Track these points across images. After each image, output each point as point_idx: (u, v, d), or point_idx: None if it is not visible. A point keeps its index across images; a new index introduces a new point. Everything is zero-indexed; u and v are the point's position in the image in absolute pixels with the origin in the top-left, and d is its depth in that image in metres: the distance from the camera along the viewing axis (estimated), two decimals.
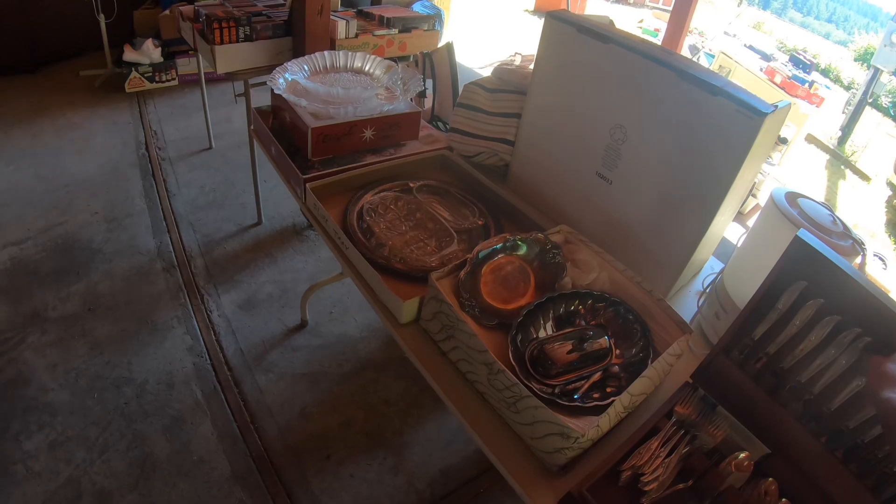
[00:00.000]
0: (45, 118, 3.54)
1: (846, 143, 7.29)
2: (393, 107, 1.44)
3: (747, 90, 1.01)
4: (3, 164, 3.06)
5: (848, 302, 0.77)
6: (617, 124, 1.17)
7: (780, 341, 0.84)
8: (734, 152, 0.97)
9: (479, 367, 0.89)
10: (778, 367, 0.85)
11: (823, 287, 0.80)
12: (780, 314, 0.84)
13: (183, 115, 3.75)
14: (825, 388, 0.80)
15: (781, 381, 0.85)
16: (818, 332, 0.80)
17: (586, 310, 1.02)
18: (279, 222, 2.85)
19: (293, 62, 1.51)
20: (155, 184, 3.04)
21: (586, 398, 0.88)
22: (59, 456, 1.75)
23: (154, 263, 2.51)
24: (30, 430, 1.81)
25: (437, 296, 0.93)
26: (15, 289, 2.31)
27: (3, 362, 2.01)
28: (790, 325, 0.83)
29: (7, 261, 2.43)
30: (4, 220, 2.65)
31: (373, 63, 1.58)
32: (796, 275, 0.82)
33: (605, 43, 1.15)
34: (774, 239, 0.95)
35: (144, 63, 3.98)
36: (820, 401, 0.81)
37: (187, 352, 2.12)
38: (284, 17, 2.38)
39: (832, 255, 0.78)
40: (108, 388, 1.96)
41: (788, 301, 0.83)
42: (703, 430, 0.86)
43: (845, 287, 0.77)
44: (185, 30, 2.71)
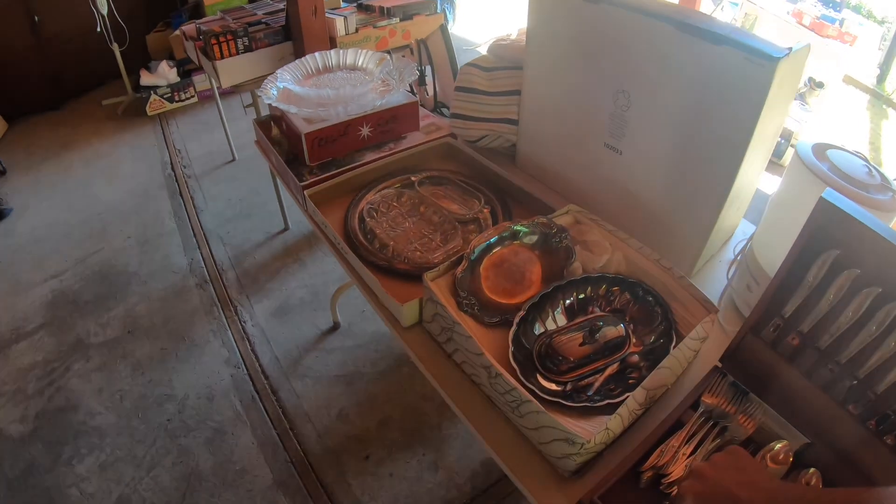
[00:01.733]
0: (74, 151, 3.63)
1: (885, 80, 6.86)
2: (386, 100, 1.38)
3: (756, 35, 0.91)
4: (38, 200, 3.16)
5: (889, 269, 0.67)
6: (619, 89, 1.09)
7: (814, 317, 0.75)
8: (749, 104, 0.87)
9: (480, 371, 0.84)
10: (814, 346, 0.76)
11: (859, 254, 0.70)
12: (812, 287, 0.75)
13: (205, 131, 3.79)
14: (871, 368, 0.71)
15: (819, 361, 0.76)
16: (855, 307, 0.71)
17: (600, 296, 0.95)
18: (306, 226, 2.84)
19: (284, 69, 1.47)
20: (183, 202, 3.08)
21: (603, 393, 0.81)
22: (109, 476, 1.80)
23: (187, 280, 2.54)
24: (81, 453, 1.87)
25: (432, 297, 0.88)
26: (58, 320, 2.38)
27: (52, 391, 2.08)
28: (823, 299, 0.74)
29: (48, 294, 2.51)
30: (43, 255, 2.74)
31: (365, 57, 1.53)
32: (828, 241, 0.72)
33: (595, 3, 1.06)
34: (803, 199, 0.85)
35: (162, 85, 4.04)
36: (865, 382, 0.71)
37: (224, 364, 2.14)
38: (282, 22, 2.35)
39: (865, 217, 0.68)
40: (152, 407, 2.00)
41: (820, 272, 0.73)
42: (734, 420, 0.78)
43: (884, 253, 0.67)
44: (189, 49, 2.72)
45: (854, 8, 13.88)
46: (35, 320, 2.38)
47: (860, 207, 0.69)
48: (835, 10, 6.06)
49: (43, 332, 2.32)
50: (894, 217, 0.85)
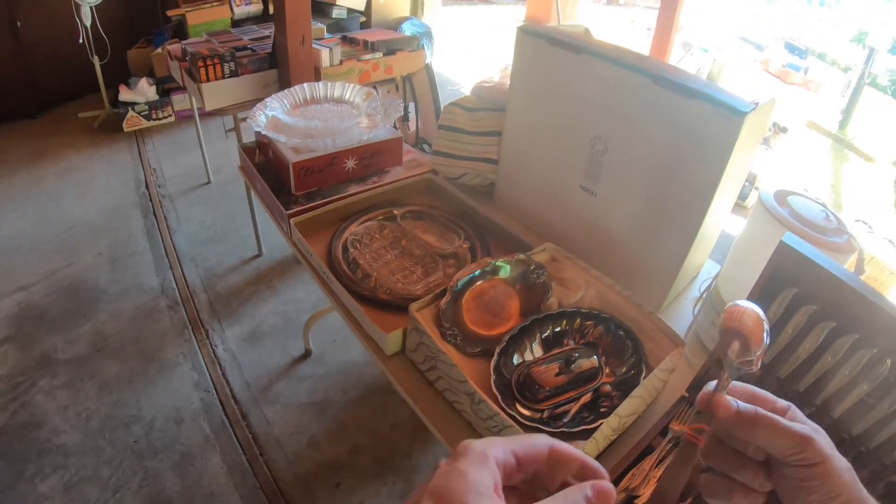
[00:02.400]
0: (48, 162, 3.59)
1: (847, 125, 7.22)
2: (373, 135, 1.44)
3: (726, 90, 1.00)
4: (8, 210, 3.10)
5: (842, 306, 0.74)
6: (596, 135, 1.16)
7: (775, 350, 0.82)
8: (717, 154, 0.95)
9: (462, 397, 0.88)
10: (775, 376, 0.82)
11: (816, 292, 0.77)
12: (773, 323, 0.81)
13: (181, 151, 3.78)
14: (827, 398, 0.77)
15: (780, 391, 0.82)
16: (812, 339, 0.77)
17: (575, 329, 1.00)
18: (279, 252, 2.86)
19: (273, 97, 1.52)
20: (156, 221, 3.06)
21: (578, 420, 0.86)
22: (73, 497, 1.76)
23: (158, 301, 2.52)
24: (44, 472, 1.83)
25: (418, 327, 0.92)
26: (24, 334, 2.33)
27: (16, 406, 2.03)
28: (783, 333, 0.80)
29: (15, 306, 2.46)
30: (11, 266, 2.69)
31: (352, 91, 1.59)
32: (787, 280, 0.79)
33: (577, 53, 1.14)
34: (766, 241, 0.92)
35: (140, 102, 4.03)
36: (822, 409, 0.78)
37: (194, 387, 2.12)
38: (269, 49, 2.40)
39: (820, 259, 0.75)
40: (119, 428, 1.97)
41: (780, 309, 0.80)
42: None
43: (838, 290, 0.74)
44: (174, 69, 2.75)
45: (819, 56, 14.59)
46: (0, 333, 2.33)
47: (816, 249, 0.76)
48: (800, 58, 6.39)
49: (8, 345, 2.28)
50: (849, 258, 0.93)
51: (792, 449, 0.40)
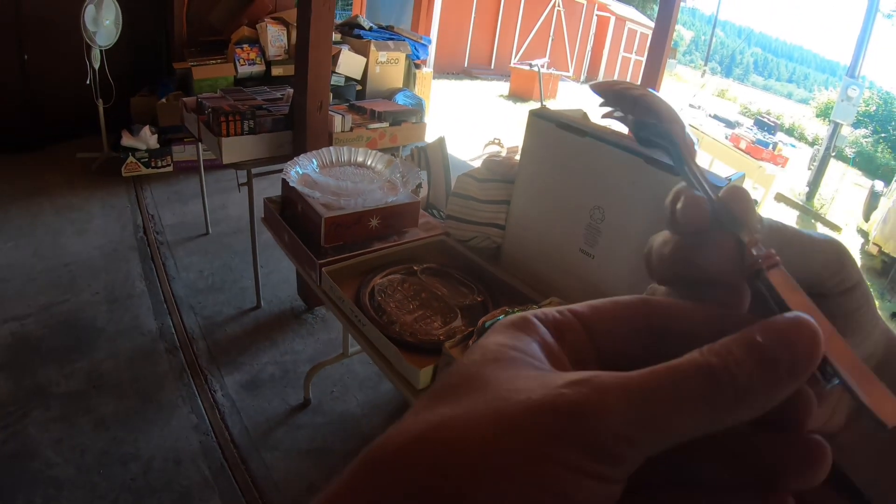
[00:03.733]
0: (44, 198, 3.68)
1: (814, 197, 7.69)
2: (396, 198, 1.61)
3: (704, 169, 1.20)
4: (3, 240, 3.16)
5: None
6: (595, 206, 1.35)
7: None
8: None
9: None
10: None
11: None
12: None
13: (179, 201, 3.90)
14: None
15: None
16: None
17: None
18: (278, 306, 2.96)
19: (303, 156, 1.68)
20: (154, 267, 3.15)
21: None
22: None
23: (157, 344, 2.58)
24: (35, 503, 1.83)
25: (450, 361, 1.06)
26: (18, 364, 2.35)
27: (6, 435, 2.04)
28: None
29: (8, 336, 2.49)
30: (5, 296, 2.73)
31: (374, 158, 1.77)
32: None
33: (581, 136, 1.34)
34: None
35: (141, 148, 4.16)
36: None
37: (193, 430, 2.17)
38: (283, 110, 2.59)
39: None
40: (115, 464, 1.99)
41: None
42: None
43: None
44: (189, 120, 2.91)
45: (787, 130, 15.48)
46: None
47: None
48: (769, 134, 6.89)
49: (1, 374, 2.29)
50: None
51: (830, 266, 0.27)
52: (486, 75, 12.89)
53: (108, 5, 3.87)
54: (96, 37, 3.84)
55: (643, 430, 0.18)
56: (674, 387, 0.18)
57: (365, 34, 4.78)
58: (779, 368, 0.18)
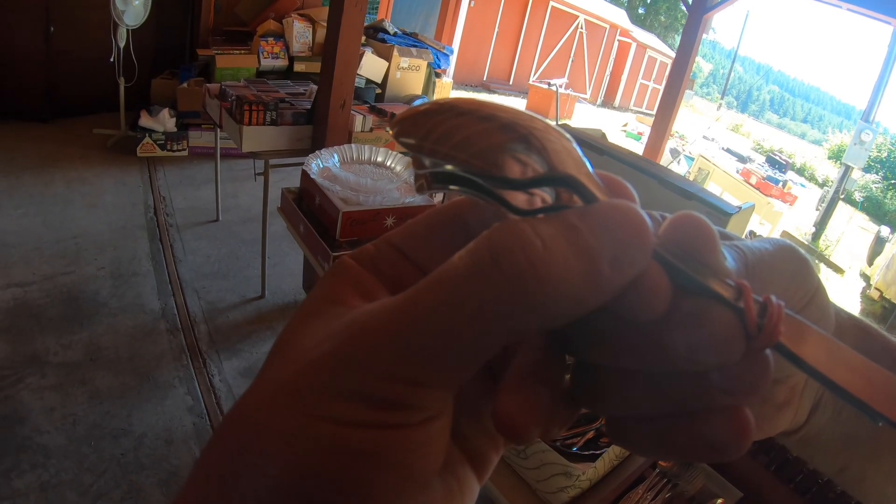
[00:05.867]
0: (57, 169, 3.70)
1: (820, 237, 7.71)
2: (413, 199, 1.63)
3: (716, 195, 1.23)
4: (12, 206, 3.18)
5: None
6: None
7: None
8: None
9: None
10: None
11: None
12: None
13: (191, 186, 3.93)
14: None
15: None
16: None
17: None
18: (281, 297, 2.98)
19: (325, 151, 1.71)
20: (162, 248, 3.17)
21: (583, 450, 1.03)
22: (50, 498, 1.76)
23: (158, 324, 2.60)
24: (21, 468, 1.83)
25: None
26: (16, 329, 2.36)
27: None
28: None
29: (10, 300, 2.50)
30: (9, 261, 2.74)
31: (394, 159, 1.79)
32: None
33: (600, 154, 1.37)
34: None
35: (158, 130, 4.20)
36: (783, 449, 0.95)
37: (187, 411, 2.19)
38: (305, 105, 2.63)
39: None
40: (106, 438, 2.00)
41: None
42: (683, 479, 1.00)
43: None
44: (211, 106, 2.93)
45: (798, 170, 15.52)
46: None
47: None
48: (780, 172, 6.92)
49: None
50: None
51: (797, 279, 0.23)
52: (503, 90, 12.96)
53: None
54: (124, 16, 3.89)
55: (420, 363, 0.15)
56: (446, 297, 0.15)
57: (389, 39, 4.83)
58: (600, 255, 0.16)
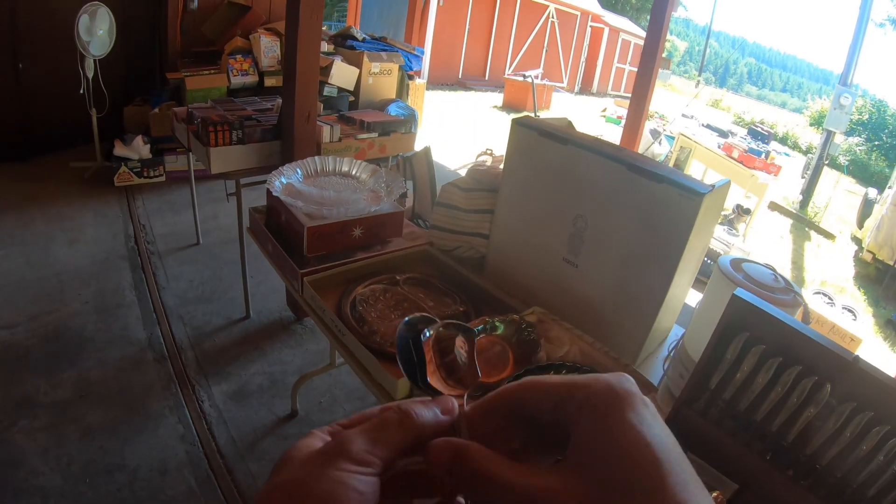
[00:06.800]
0: (36, 207, 3.67)
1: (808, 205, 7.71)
2: (379, 207, 1.61)
3: (688, 176, 1.21)
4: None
5: (786, 344, 0.91)
6: (578, 214, 1.35)
7: (734, 387, 0.98)
8: (681, 229, 1.15)
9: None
10: (736, 410, 0.98)
11: (764, 334, 0.95)
12: (730, 363, 0.98)
13: (170, 211, 3.90)
14: (781, 423, 0.92)
15: (741, 422, 0.97)
16: (763, 375, 0.94)
17: None
18: (267, 317, 2.96)
19: (287, 166, 1.68)
20: (144, 276, 3.15)
21: None
22: None
23: (145, 354, 2.58)
24: None
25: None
26: (5, 371, 2.35)
27: None
28: (739, 371, 0.97)
29: None
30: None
31: (359, 168, 1.77)
32: (739, 327, 0.97)
33: (563, 144, 1.35)
34: (723, 300, 1.09)
35: (134, 158, 4.17)
36: (778, 435, 0.93)
37: (180, 440, 2.16)
38: (273, 121, 2.60)
39: (764, 306, 0.93)
40: (101, 474, 1.99)
41: (735, 350, 0.97)
42: None
43: (781, 331, 0.91)
44: (179, 130, 2.91)
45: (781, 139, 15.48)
46: None
47: (762, 300, 0.94)
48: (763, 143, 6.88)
49: None
50: (796, 311, 1.11)
51: None
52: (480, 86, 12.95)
53: (102, 15, 3.88)
54: (90, 46, 3.86)
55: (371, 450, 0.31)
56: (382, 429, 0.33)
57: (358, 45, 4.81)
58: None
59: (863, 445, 0.85)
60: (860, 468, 0.86)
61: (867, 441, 0.85)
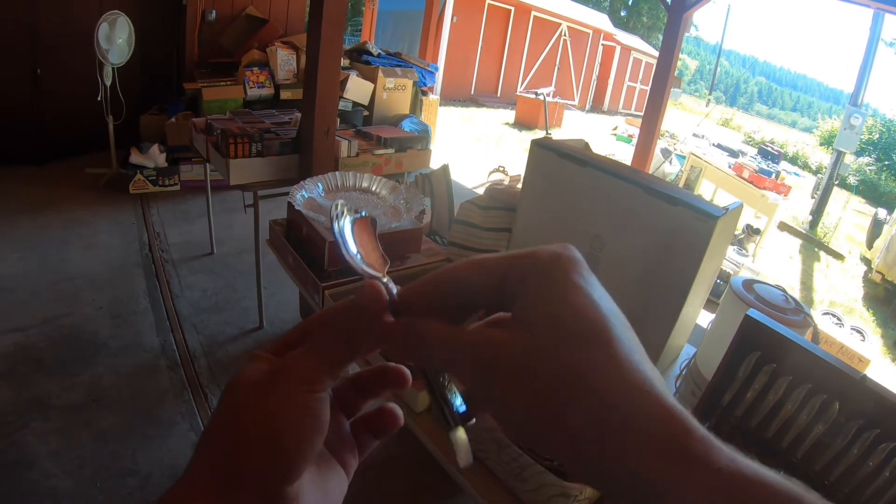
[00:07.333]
0: (52, 211, 3.72)
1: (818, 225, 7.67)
2: (399, 224, 1.64)
3: (702, 199, 1.23)
4: (9, 250, 3.20)
5: (797, 363, 0.94)
6: (595, 234, 1.38)
7: (745, 404, 1.00)
8: (695, 250, 1.17)
9: (489, 445, 1.03)
10: (747, 426, 1.00)
11: (775, 354, 0.97)
12: (742, 381, 1.00)
13: (185, 220, 3.94)
14: (791, 440, 0.94)
15: (752, 439, 0.99)
16: (774, 393, 0.96)
17: None
18: (280, 327, 2.98)
19: (309, 180, 1.72)
20: (158, 284, 3.18)
21: None
22: None
23: (158, 361, 2.60)
24: None
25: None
26: (18, 373, 2.37)
27: (5, 444, 2.04)
28: (751, 389, 0.99)
29: (11, 345, 2.51)
30: (9, 306, 2.76)
31: (379, 184, 1.80)
32: (751, 346, 0.99)
33: (582, 166, 1.38)
34: (735, 320, 1.12)
35: (149, 167, 4.22)
36: (788, 450, 0.95)
37: (191, 447, 2.17)
38: (291, 134, 2.64)
39: (776, 326, 0.96)
40: (113, 478, 2.00)
41: (747, 369, 1.00)
42: None
43: (792, 351, 0.94)
44: (197, 141, 2.96)
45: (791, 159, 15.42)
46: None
47: (773, 320, 0.97)
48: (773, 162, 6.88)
49: (1, 382, 2.31)
50: (806, 332, 1.13)
51: None
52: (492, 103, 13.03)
53: (122, 24, 3.95)
54: (109, 54, 3.92)
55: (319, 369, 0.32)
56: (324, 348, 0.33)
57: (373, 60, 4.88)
58: None
59: (869, 462, 0.87)
60: (867, 484, 0.87)
61: (874, 457, 0.87)
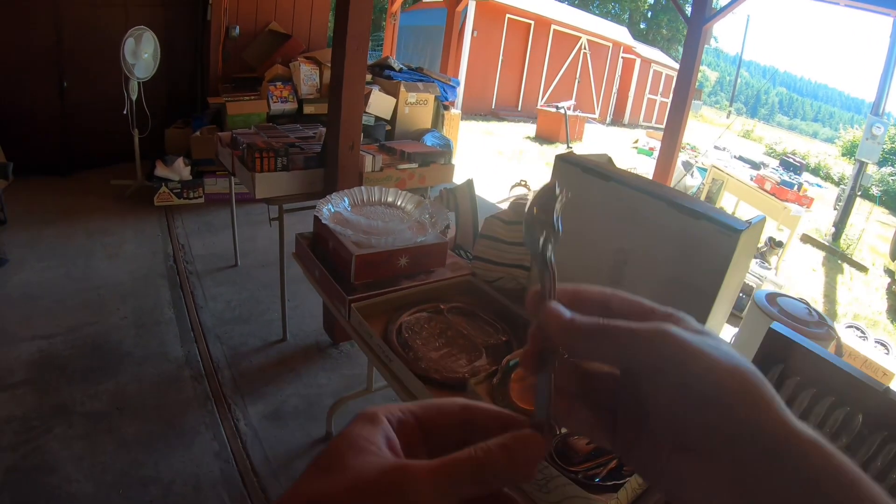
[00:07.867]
0: (77, 221, 3.81)
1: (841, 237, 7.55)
2: (424, 238, 1.66)
3: (726, 212, 1.23)
4: (35, 259, 3.28)
5: (820, 376, 0.93)
6: (619, 248, 1.37)
7: None
8: (718, 264, 1.16)
9: None
10: None
11: (799, 367, 0.96)
12: None
13: (209, 232, 4.00)
14: None
15: None
16: (798, 405, 0.95)
17: None
18: (303, 340, 3.00)
19: (335, 194, 1.74)
20: (183, 295, 3.22)
21: (606, 481, 1.01)
22: None
23: (182, 371, 2.63)
24: None
25: (475, 397, 1.08)
26: (43, 380, 2.42)
27: (27, 449, 2.08)
28: None
29: (36, 352, 2.56)
30: (34, 313, 2.82)
31: (404, 198, 1.82)
32: (775, 359, 0.98)
33: (606, 181, 1.38)
34: (759, 332, 1.12)
35: (174, 179, 4.30)
36: None
37: (214, 457, 2.19)
38: (315, 148, 2.68)
39: (800, 339, 0.95)
40: (135, 486, 2.02)
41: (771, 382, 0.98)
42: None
43: (816, 363, 0.93)
44: (223, 154, 3.00)
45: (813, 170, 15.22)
46: (18, 375, 2.43)
47: (797, 333, 0.96)
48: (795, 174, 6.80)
49: (25, 388, 2.36)
50: (829, 344, 1.12)
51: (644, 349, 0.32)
52: (513, 117, 13.08)
53: (147, 39, 4.05)
54: (135, 69, 4.02)
55: (438, 497, 0.28)
56: (454, 471, 0.29)
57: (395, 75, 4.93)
58: (517, 461, 0.30)
59: (893, 474, 0.86)
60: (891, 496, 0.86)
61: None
